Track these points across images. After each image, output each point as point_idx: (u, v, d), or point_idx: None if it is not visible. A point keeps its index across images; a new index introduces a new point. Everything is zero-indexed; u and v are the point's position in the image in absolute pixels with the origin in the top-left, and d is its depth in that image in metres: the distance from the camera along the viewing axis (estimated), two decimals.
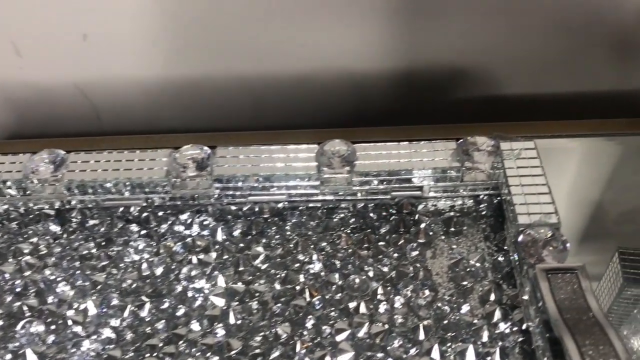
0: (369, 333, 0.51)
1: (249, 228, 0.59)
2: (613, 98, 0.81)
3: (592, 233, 0.67)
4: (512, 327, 0.51)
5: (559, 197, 0.70)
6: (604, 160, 0.75)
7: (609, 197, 0.71)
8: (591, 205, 0.70)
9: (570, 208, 0.70)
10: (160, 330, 0.52)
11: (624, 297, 0.61)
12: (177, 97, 0.82)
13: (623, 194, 0.71)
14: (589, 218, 0.69)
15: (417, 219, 0.59)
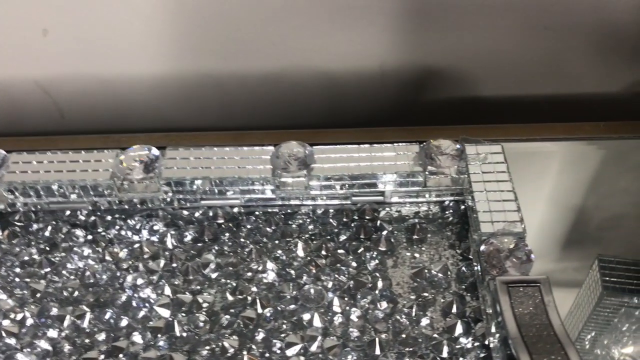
0: (321, 347, 0.48)
1: (201, 234, 0.56)
2: (591, 101, 0.78)
3: (571, 239, 0.65)
4: (474, 342, 0.48)
5: (535, 202, 0.68)
6: (580, 164, 0.73)
7: (587, 202, 0.69)
8: (569, 211, 0.68)
9: (548, 213, 0.67)
10: (101, 342, 0.49)
11: (604, 306, 0.59)
12: (144, 96, 0.79)
13: (601, 199, 0.69)
14: (567, 223, 0.67)
15: (379, 225, 0.56)
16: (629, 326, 0.59)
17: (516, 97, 0.79)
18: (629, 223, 0.67)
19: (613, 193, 0.69)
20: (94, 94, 0.78)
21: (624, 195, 0.70)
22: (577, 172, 0.72)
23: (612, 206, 0.68)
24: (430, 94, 0.79)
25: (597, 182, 0.70)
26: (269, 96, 0.78)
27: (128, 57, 0.73)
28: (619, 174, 0.72)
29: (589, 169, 0.72)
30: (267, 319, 0.50)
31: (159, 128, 0.81)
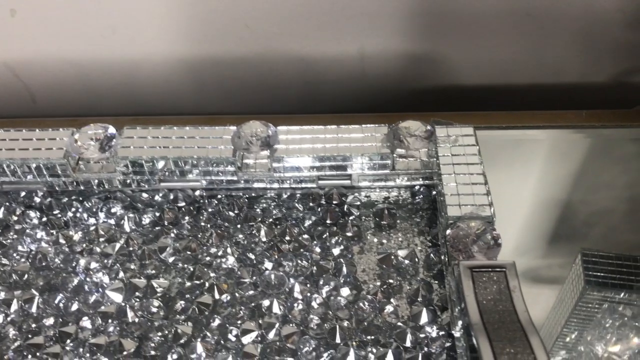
0: (279, 335, 0.46)
1: (160, 218, 0.53)
2: (575, 90, 0.76)
3: (553, 229, 0.63)
4: (439, 330, 0.46)
5: (515, 191, 0.66)
6: (562, 152, 0.71)
7: (569, 191, 0.67)
8: (551, 200, 0.66)
9: (529, 202, 0.65)
10: (48, 327, 0.46)
11: (586, 301, 0.58)
12: (116, 80, 0.76)
13: (584, 188, 0.67)
14: (549, 213, 0.65)
15: (346, 210, 0.53)
16: (612, 322, 0.57)
17: (499, 86, 0.77)
18: (612, 213, 0.65)
19: (596, 182, 0.67)
20: (65, 78, 0.75)
21: (607, 184, 0.68)
22: (559, 160, 0.70)
23: (595, 196, 0.66)
24: (411, 82, 0.76)
25: (579, 171, 0.68)
26: (244, 82, 0.76)
27: (99, 41, 0.70)
28: (602, 162, 0.70)
29: (572, 157, 0.71)
30: (224, 305, 0.47)
31: (132, 113, 0.79)
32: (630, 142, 0.73)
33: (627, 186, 0.68)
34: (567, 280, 0.60)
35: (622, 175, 0.69)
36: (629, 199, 0.67)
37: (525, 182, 0.69)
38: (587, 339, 0.57)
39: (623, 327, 0.58)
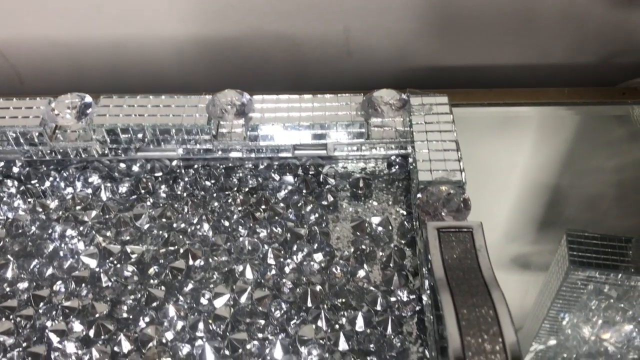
0: (251, 299, 0.46)
1: (137, 187, 0.53)
2: (559, 70, 0.76)
3: (538, 213, 0.64)
4: (410, 295, 0.46)
5: (497, 167, 0.66)
6: (544, 129, 0.71)
7: (551, 169, 0.67)
8: (533, 179, 0.66)
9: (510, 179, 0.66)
10: (22, 291, 0.47)
11: (571, 281, 0.58)
12: (103, 60, 0.76)
13: (567, 167, 0.67)
14: (533, 193, 0.65)
15: (321, 180, 0.54)
16: (598, 304, 0.58)
17: (484, 66, 0.77)
18: (597, 191, 0.66)
19: (579, 160, 0.68)
20: (52, 58, 0.76)
21: (590, 162, 0.68)
22: (542, 138, 0.70)
23: (579, 174, 0.67)
24: (396, 61, 0.77)
25: (562, 148, 0.69)
26: (230, 61, 0.76)
27: (85, 20, 0.71)
28: (585, 139, 0.70)
29: (554, 134, 0.71)
30: (197, 270, 0.48)
31: (119, 92, 0.79)
32: (612, 119, 0.73)
33: (610, 163, 0.68)
34: (553, 261, 0.60)
35: (606, 152, 0.70)
36: (613, 176, 0.67)
37: (508, 160, 0.69)
38: (573, 322, 0.58)
39: (609, 309, 0.58)
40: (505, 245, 0.61)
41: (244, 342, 0.44)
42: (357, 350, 0.43)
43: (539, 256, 0.61)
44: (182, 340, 0.44)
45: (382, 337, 0.44)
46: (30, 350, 0.44)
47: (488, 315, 0.35)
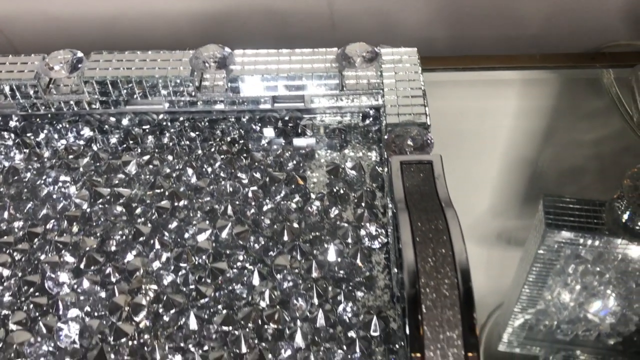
0: (231, 234, 0.50)
1: (126, 138, 0.57)
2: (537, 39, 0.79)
3: (516, 179, 0.67)
4: (379, 228, 0.49)
5: (470, 132, 0.69)
6: (517, 93, 0.74)
7: (523, 133, 0.70)
8: (507, 144, 0.69)
9: (484, 143, 0.68)
10: (17, 229, 0.50)
11: (548, 244, 0.60)
12: (95, 35, 0.79)
13: (541, 131, 0.70)
14: (508, 158, 0.68)
15: (300, 131, 0.57)
16: (575, 267, 0.60)
17: (465, 37, 0.79)
18: (571, 155, 0.68)
19: (551, 123, 0.70)
20: (47, 33, 0.78)
21: (562, 125, 0.71)
22: (515, 101, 0.73)
23: (553, 138, 0.69)
24: (379, 35, 0.79)
25: (536, 113, 0.71)
26: (215, 36, 0.79)
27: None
28: (556, 103, 0.73)
29: (527, 97, 0.74)
30: (181, 210, 0.51)
31: None
32: (585, 82, 0.76)
33: (583, 125, 0.71)
34: (531, 227, 0.63)
35: (580, 115, 0.73)
36: (586, 140, 0.70)
37: (484, 122, 0.72)
38: (552, 287, 0.60)
39: (587, 274, 0.61)
40: (480, 213, 0.64)
41: (224, 271, 0.47)
42: (329, 277, 0.47)
43: (510, 219, 0.64)
44: (167, 270, 0.47)
45: (352, 265, 0.47)
46: (26, 279, 0.47)
47: (440, 228, 0.39)
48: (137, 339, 0.44)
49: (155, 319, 0.45)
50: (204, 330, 0.44)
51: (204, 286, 0.46)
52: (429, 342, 0.35)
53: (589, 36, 0.77)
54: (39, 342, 0.44)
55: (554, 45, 0.79)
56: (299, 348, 0.43)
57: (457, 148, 0.62)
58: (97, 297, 0.46)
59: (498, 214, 0.64)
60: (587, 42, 0.78)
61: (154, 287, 0.46)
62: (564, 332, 0.58)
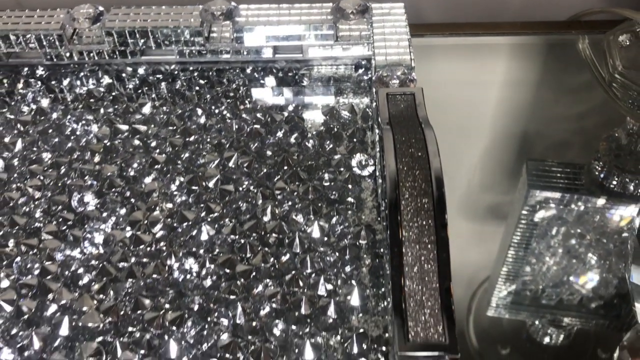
0: (237, 163, 0.56)
1: (141, 85, 0.63)
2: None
3: (500, 142, 0.71)
4: (368, 159, 0.56)
5: (456, 96, 0.74)
6: (500, 59, 0.79)
7: (510, 99, 0.74)
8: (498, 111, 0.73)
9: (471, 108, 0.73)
10: (45, 160, 0.57)
11: (530, 205, 0.64)
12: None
13: (523, 95, 0.74)
14: (492, 121, 0.73)
15: (297, 80, 0.64)
16: (557, 229, 0.64)
17: (451, 7, 0.85)
18: (550, 115, 0.73)
19: (533, 87, 0.75)
20: None
21: (544, 89, 0.75)
22: (499, 65, 0.79)
23: (537, 104, 0.74)
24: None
25: (515, 76, 0.77)
26: None
27: None
28: (535, 67, 0.79)
29: (507, 62, 0.79)
30: (192, 144, 0.58)
31: None
32: (559, 47, 0.82)
33: (560, 87, 0.76)
34: (516, 191, 0.66)
35: (554, 77, 0.78)
36: (565, 102, 0.74)
37: (464, 85, 0.78)
38: (534, 251, 0.63)
39: (568, 237, 0.63)
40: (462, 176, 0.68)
41: (231, 192, 0.54)
42: (323, 197, 0.53)
43: (493, 181, 0.68)
44: (180, 191, 0.54)
45: (344, 188, 0.54)
46: (55, 199, 0.54)
47: (418, 138, 0.45)
48: (154, 246, 0.50)
49: (170, 231, 0.51)
50: (213, 239, 0.50)
51: (214, 204, 0.53)
52: (407, 241, 0.41)
53: (566, 5, 0.83)
54: (68, 249, 0.50)
55: (535, 14, 0.85)
56: (296, 253, 0.49)
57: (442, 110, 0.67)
58: (118, 214, 0.52)
59: (483, 186, 0.68)
60: (564, 11, 0.84)
61: (169, 206, 0.53)
62: (549, 296, 0.60)
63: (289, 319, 0.45)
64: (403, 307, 0.37)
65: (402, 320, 0.37)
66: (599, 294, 0.58)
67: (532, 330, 0.57)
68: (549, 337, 0.56)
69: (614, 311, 0.57)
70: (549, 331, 0.56)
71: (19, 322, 0.46)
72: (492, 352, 0.55)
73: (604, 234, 0.61)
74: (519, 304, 0.59)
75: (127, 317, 0.46)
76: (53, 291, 0.47)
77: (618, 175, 0.65)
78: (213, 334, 0.44)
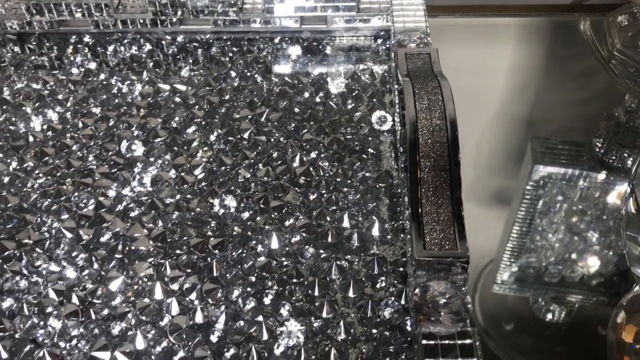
0: (268, 118, 0.62)
1: (180, 51, 0.70)
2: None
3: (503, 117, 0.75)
4: (387, 115, 0.62)
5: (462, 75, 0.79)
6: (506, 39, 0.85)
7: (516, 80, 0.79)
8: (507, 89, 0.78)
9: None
10: (95, 113, 0.63)
11: (535, 180, 0.67)
12: None
13: (527, 77, 0.79)
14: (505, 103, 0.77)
15: (321, 49, 0.70)
16: (560, 206, 0.66)
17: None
18: (554, 94, 0.77)
19: (535, 67, 0.80)
20: None
21: (545, 68, 0.80)
22: (504, 44, 0.84)
23: (538, 81, 0.78)
24: None
25: (521, 56, 0.82)
26: None
27: None
28: (539, 47, 0.84)
29: (514, 42, 0.85)
30: (227, 102, 0.64)
31: None
32: (562, 28, 0.87)
33: (564, 67, 0.80)
34: (521, 168, 0.69)
35: (557, 57, 0.82)
36: (568, 79, 0.78)
37: (472, 63, 0.83)
38: (537, 228, 0.65)
39: (570, 213, 0.66)
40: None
41: (264, 142, 0.60)
42: (344, 148, 0.59)
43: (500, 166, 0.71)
44: (218, 141, 0.60)
45: (365, 140, 0.60)
46: (105, 146, 0.60)
47: (435, 92, 0.51)
48: (197, 186, 0.57)
49: (210, 174, 0.57)
50: (249, 180, 0.57)
51: (248, 151, 0.59)
52: (425, 167, 0.47)
53: None
54: (119, 187, 0.57)
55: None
56: (322, 193, 0.56)
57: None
58: (164, 158, 0.59)
59: (489, 170, 0.71)
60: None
61: (209, 153, 0.59)
62: (552, 274, 0.61)
63: (317, 246, 0.51)
64: (420, 220, 0.43)
65: (419, 232, 0.43)
66: (599, 272, 0.61)
67: (536, 308, 0.59)
68: (551, 314, 0.58)
69: (614, 288, 0.59)
70: (552, 308, 0.59)
71: (78, 246, 0.52)
72: (497, 329, 0.58)
73: (604, 211, 0.64)
74: (523, 282, 0.61)
75: (174, 242, 0.52)
76: (107, 221, 0.54)
77: (617, 150, 0.68)
78: (251, 257, 0.51)
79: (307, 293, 0.48)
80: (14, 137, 0.61)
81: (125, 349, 0.45)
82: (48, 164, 0.58)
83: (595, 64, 0.79)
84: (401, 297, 0.48)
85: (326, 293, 0.48)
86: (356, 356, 0.45)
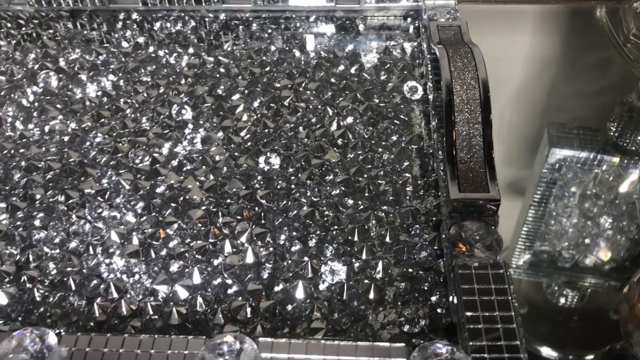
0: (306, 87, 0.67)
1: (222, 28, 0.75)
2: None
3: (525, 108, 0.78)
4: (417, 85, 0.67)
5: None
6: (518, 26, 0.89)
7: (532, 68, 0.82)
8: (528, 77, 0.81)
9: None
10: (147, 81, 0.68)
11: (551, 163, 0.70)
12: None
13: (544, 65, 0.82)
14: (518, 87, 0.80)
15: (354, 27, 0.75)
16: (575, 190, 0.69)
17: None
18: (570, 77, 0.80)
19: (553, 53, 0.84)
20: None
21: (563, 53, 0.84)
22: (525, 30, 0.88)
23: (556, 66, 0.82)
24: None
25: (539, 41, 0.85)
26: None
27: None
28: (557, 33, 0.87)
29: (534, 28, 0.89)
30: (267, 72, 0.69)
31: None
32: (578, 14, 0.91)
33: (580, 54, 0.84)
34: (538, 152, 0.72)
35: (576, 46, 0.86)
36: (584, 65, 0.82)
37: (492, 48, 0.87)
38: (552, 212, 0.67)
39: (584, 198, 0.68)
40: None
41: (303, 108, 0.65)
42: (378, 114, 0.64)
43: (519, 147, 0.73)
44: (261, 107, 0.65)
45: (397, 108, 0.65)
46: (157, 109, 0.65)
47: (467, 56, 0.56)
48: (243, 145, 0.61)
49: (255, 135, 0.62)
50: (291, 140, 0.61)
51: (289, 116, 0.64)
52: (459, 123, 0.51)
53: None
54: (172, 146, 0.62)
55: None
56: (358, 153, 0.60)
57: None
58: (212, 121, 0.64)
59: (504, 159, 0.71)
60: None
61: (253, 116, 0.64)
62: (565, 259, 0.62)
63: (355, 199, 0.56)
64: (455, 165, 0.48)
65: (454, 175, 0.48)
66: (611, 257, 0.62)
67: (549, 292, 0.60)
68: (564, 298, 0.60)
69: (626, 273, 0.60)
70: (565, 292, 0.60)
71: (136, 196, 0.57)
72: None
73: (617, 196, 0.65)
74: (537, 266, 0.63)
75: (225, 193, 0.57)
76: (162, 175, 0.59)
77: (631, 134, 0.70)
78: (295, 206, 0.55)
79: (348, 239, 0.53)
80: (72, 101, 0.66)
81: (184, 283, 0.50)
82: (104, 124, 0.63)
83: (611, 52, 0.81)
84: (434, 243, 0.52)
85: (365, 238, 0.53)
86: (394, 292, 0.49)
